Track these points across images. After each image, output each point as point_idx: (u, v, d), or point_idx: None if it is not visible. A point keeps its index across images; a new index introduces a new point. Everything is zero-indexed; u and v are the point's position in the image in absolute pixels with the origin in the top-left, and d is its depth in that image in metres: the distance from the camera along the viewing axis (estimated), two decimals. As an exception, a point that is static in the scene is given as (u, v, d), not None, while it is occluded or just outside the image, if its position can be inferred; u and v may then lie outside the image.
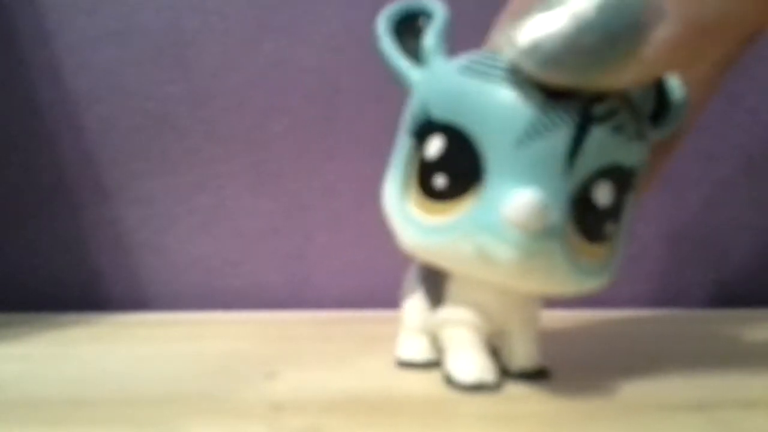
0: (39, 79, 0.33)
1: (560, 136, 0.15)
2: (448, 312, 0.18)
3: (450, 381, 0.18)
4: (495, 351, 0.19)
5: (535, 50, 0.14)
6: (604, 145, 0.15)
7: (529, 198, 0.15)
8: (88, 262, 0.33)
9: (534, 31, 0.14)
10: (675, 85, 0.18)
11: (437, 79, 0.17)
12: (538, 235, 0.15)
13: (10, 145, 0.33)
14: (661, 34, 0.14)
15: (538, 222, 0.15)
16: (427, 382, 0.19)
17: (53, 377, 0.20)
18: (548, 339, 0.25)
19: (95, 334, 0.27)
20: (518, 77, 0.15)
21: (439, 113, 0.16)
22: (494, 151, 0.15)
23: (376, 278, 0.22)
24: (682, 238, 0.34)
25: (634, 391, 0.18)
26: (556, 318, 0.29)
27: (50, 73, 0.32)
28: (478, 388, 0.17)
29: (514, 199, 0.15)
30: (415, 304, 0.20)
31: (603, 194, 0.16)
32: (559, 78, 0.15)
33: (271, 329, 0.27)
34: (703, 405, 0.17)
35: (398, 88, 0.18)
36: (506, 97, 0.15)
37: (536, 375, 0.19)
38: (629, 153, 0.16)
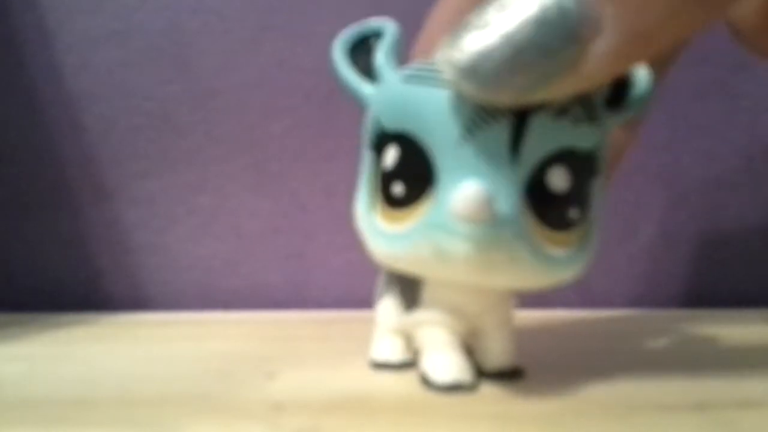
0: (39, 79, 0.33)
1: (500, 128, 0.15)
2: (424, 313, 0.18)
3: (426, 382, 0.18)
4: (469, 351, 0.19)
5: (473, 73, 0.14)
6: (548, 130, 0.15)
7: (472, 189, 0.15)
8: (88, 262, 0.33)
9: (471, 52, 0.14)
10: (637, 69, 0.18)
11: (386, 91, 0.17)
12: (490, 226, 0.15)
13: (10, 145, 0.33)
14: (600, 46, 0.13)
15: (484, 212, 0.15)
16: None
17: (53, 377, 0.20)
18: (546, 339, 0.25)
19: (95, 334, 0.27)
20: None
21: (390, 123, 0.17)
22: (440, 152, 0.16)
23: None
24: (682, 238, 0.34)
25: (633, 390, 0.18)
26: (555, 318, 0.29)
27: (50, 73, 0.33)
28: (454, 388, 0.18)
29: (458, 192, 0.15)
30: (389, 304, 0.20)
31: (558, 179, 0.16)
32: (499, 98, 0.15)
33: (271, 329, 0.27)
34: (702, 405, 0.17)
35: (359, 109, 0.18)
36: (443, 97, 0.15)
37: (511, 374, 0.19)
38: (581, 136, 0.16)
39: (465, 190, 0.15)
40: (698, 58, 0.32)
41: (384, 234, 0.17)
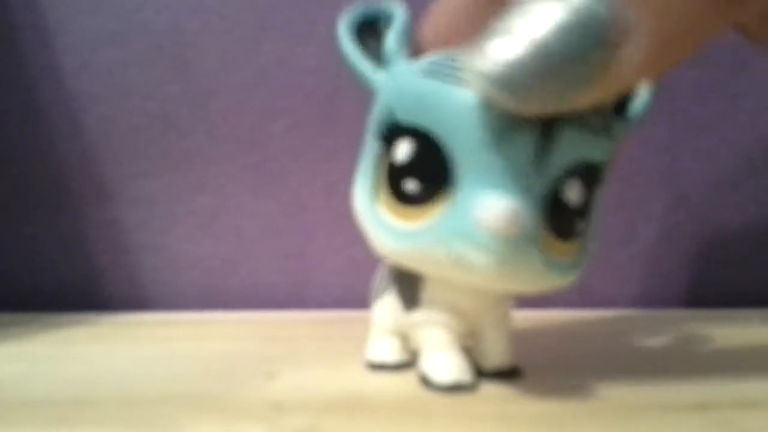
0: (39, 79, 0.33)
1: (527, 137, 0.15)
2: (424, 313, 0.18)
3: (426, 382, 0.18)
4: (467, 351, 0.19)
5: (504, 83, 0.14)
6: (571, 142, 0.15)
7: (504, 204, 0.14)
8: (88, 262, 0.33)
9: (501, 62, 0.14)
10: None
11: (401, 82, 0.16)
12: (514, 240, 0.15)
13: (10, 145, 0.33)
14: (630, 51, 0.13)
15: (514, 228, 0.14)
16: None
17: (53, 377, 0.20)
18: (547, 339, 0.25)
19: (95, 334, 0.27)
20: None
21: (405, 116, 0.16)
22: (462, 155, 0.15)
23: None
24: (682, 238, 0.34)
25: (633, 390, 0.18)
26: (555, 318, 0.29)
27: (50, 73, 0.32)
28: (455, 388, 0.17)
29: (489, 205, 0.15)
30: (386, 305, 0.20)
31: (574, 193, 0.16)
32: (531, 107, 0.14)
33: (271, 329, 0.27)
34: (702, 405, 0.17)
35: (362, 91, 0.18)
36: (468, 98, 0.15)
37: (510, 374, 0.19)
38: (596, 149, 0.16)
39: (497, 204, 0.14)
40: (698, 58, 0.32)
41: (391, 229, 0.16)
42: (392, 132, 0.16)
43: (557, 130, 0.15)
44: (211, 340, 0.25)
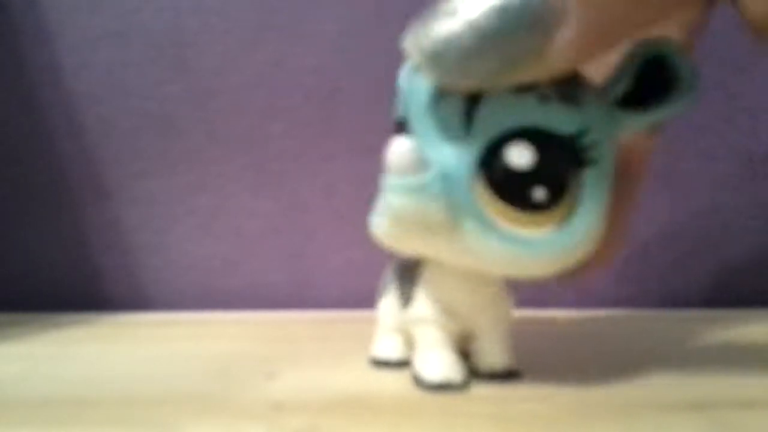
0: (39, 79, 0.33)
1: (456, 99, 0.16)
2: (417, 311, 0.18)
3: (417, 380, 0.18)
4: (467, 352, 0.19)
5: (438, 59, 0.15)
6: (507, 105, 0.15)
7: (397, 143, 0.16)
8: (88, 262, 0.33)
9: (436, 39, 0.14)
10: (678, 59, 0.16)
11: (402, 83, 0.18)
12: (420, 183, 0.15)
13: (10, 145, 0.33)
14: (563, 35, 0.14)
15: (407, 164, 0.15)
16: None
17: (53, 377, 0.20)
18: (544, 339, 0.25)
19: (95, 334, 0.27)
20: None
21: (399, 110, 0.17)
22: (413, 127, 0.16)
23: (376, 278, 0.22)
24: (682, 238, 0.34)
25: (633, 390, 0.18)
26: (552, 318, 0.29)
27: (50, 73, 0.33)
28: (444, 387, 0.17)
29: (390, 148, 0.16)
30: (389, 303, 0.20)
31: (517, 156, 0.15)
32: (463, 84, 0.15)
33: (271, 329, 0.27)
34: (702, 405, 0.17)
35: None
36: (423, 79, 0.16)
37: (506, 375, 0.19)
38: (554, 117, 0.15)
39: (392, 144, 0.16)
40: (698, 58, 0.32)
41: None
42: (397, 129, 0.18)
43: (483, 94, 0.15)
44: (211, 340, 0.25)
